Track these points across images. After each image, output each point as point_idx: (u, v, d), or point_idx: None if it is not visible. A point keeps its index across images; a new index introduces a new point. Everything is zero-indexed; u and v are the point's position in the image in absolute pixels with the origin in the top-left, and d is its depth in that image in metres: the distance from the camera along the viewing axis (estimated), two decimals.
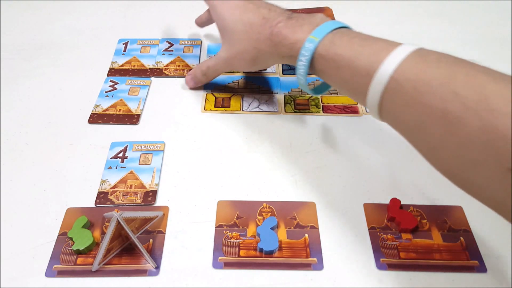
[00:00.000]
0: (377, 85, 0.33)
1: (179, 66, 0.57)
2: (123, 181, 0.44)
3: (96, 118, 0.50)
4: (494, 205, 0.30)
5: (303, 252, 0.38)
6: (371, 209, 0.42)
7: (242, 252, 0.38)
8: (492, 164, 0.27)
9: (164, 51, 0.60)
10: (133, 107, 0.52)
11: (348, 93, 0.39)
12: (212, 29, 0.65)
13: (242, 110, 0.52)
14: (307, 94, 0.54)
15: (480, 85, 0.28)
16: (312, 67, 0.40)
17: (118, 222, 0.36)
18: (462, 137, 0.28)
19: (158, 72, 0.57)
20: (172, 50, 0.60)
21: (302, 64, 0.39)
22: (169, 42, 0.62)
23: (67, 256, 0.38)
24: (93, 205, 0.42)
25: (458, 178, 0.31)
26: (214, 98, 0.54)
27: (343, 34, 0.38)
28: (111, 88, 0.54)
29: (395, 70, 0.32)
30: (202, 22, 0.59)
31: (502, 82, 0.28)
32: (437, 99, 0.29)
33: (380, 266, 0.37)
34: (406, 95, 0.31)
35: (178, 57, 0.59)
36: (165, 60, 0.59)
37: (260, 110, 0.52)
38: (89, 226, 0.40)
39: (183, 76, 0.56)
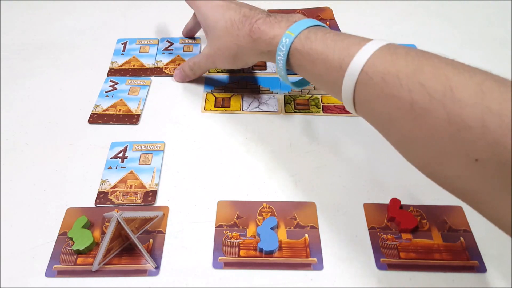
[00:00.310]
0: (349, 78, 0.34)
1: (179, 65, 0.57)
2: (123, 181, 0.44)
3: (96, 118, 0.50)
4: (465, 197, 0.30)
5: (303, 252, 0.38)
6: (371, 209, 0.42)
7: (242, 252, 0.38)
8: (460, 156, 0.27)
9: (164, 50, 0.60)
10: (133, 107, 0.52)
11: (324, 87, 0.40)
12: None
13: (242, 110, 0.52)
14: (301, 93, 0.54)
15: (446, 76, 0.28)
16: (289, 63, 0.41)
17: (118, 222, 0.36)
18: (430, 129, 0.29)
19: (158, 71, 0.57)
20: (172, 49, 0.60)
21: (280, 58, 0.41)
22: (169, 41, 0.62)
23: (67, 256, 0.38)
24: (93, 205, 0.42)
25: (429, 170, 0.32)
26: (214, 98, 0.54)
27: (318, 30, 0.39)
28: (111, 88, 0.54)
29: (366, 64, 0.33)
30: (189, 29, 0.61)
31: (467, 73, 0.28)
32: (405, 91, 0.30)
33: (380, 266, 0.37)
34: (376, 87, 0.32)
35: (178, 56, 0.59)
36: (165, 59, 0.59)
37: (260, 110, 0.52)
38: (89, 226, 0.40)
39: None
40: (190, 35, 0.62)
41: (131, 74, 0.57)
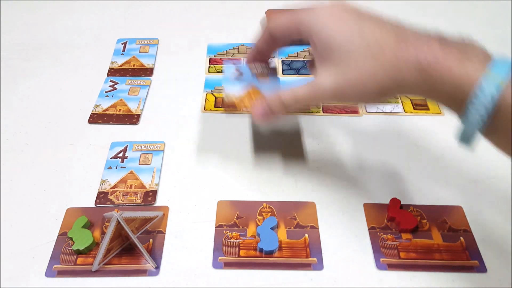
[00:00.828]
0: None
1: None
2: (123, 181, 0.44)
3: (96, 118, 0.50)
4: None
5: (303, 252, 0.38)
6: (371, 209, 0.42)
7: (242, 252, 0.38)
8: None
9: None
10: (133, 107, 0.52)
11: None
12: (212, 29, 0.65)
13: (242, 110, 0.52)
14: None
15: None
16: (489, 122, 0.28)
17: (118, 222, 0.36)
18: None
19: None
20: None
21: (478, 114, 0.28)
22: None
23: (67, 256, 0.38)
24: (93, 205, 0.42)
25: None
26: (214, 98, 0.54)
27: None
28: (111, 88, 0.54)
29: None
30: (260, 51, 0.41)
31: None
32: None
33: (380, 266, 0.37)
34: None
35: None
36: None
37: None
38: (89, 226, 0.40)
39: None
40: (262, 58, 0.42)
41: (131, 74, 0.57)
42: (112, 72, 0.57)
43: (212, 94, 0.54)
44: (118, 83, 0.55)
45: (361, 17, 0.32)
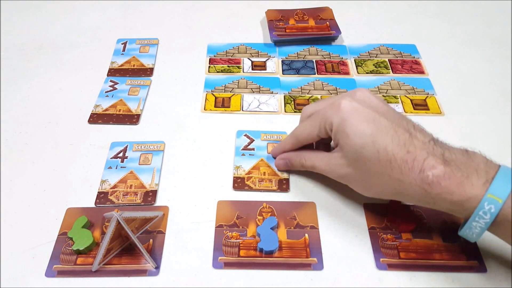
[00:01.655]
0: None
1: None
2: (123, 181, 0.44)
3: (96, 118, 0.50)
4: None
5: (303, 252, 0.38)
6: (371, 209, 0.42)
7: (242, 252, 0.38)
8: None
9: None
10: (133, 107, 0.52)
11: None
12: (212, 29, 0.65)
13: (242, 110, 0.52)
14: (301, 93, 0.54)
15: None
16: (490, 229, 0.32)
17: (118, 222, 0.36)
18: None
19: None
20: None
21: (479, 226, 0.32)
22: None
23: (67, 256, 0.38)
24: (93, 205, 0.42)
25: None
26: (214, 98, 0.54)
27: None
28: (111, 88, 0.54)
29: None
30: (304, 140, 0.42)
31: None
32: None
33: (380, 266, 0.37)
34: None
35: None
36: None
37: (260, 110, 0.52)
38: (89, 226, 0.40)
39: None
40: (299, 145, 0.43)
41: (131, 74, 0.57)
42: (112, 72, 0.57)
43: (212, 94, 0.54)
44: (118, 83, 0.55)
45: (379, 125, 0.35)
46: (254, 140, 0.48)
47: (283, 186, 0.43)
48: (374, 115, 0.35)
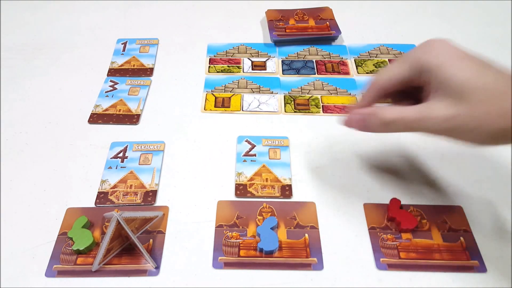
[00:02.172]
0: None
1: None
2: (123, 181, 0.44)
3: (96, 118, 0.50)
4: None
5: (303, 252, 0.38)
6: (371, 209, 0.42)
7: (242, 252, 0.38)
8: None
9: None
10: (133, 107, 0.52)
11: None
12: (212, 29, 0.65)
13: (242, 110, 0.52)
14: (301, 92, 0.54)
15: None
16: None
17: (118, 222, 0.36)
18: None
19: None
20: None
21: None
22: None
23: (67, 256, 0.38)
24: (93, 205, 0.42)
25: None
26: (214, 98, 0.54)
27: None
28: (111, 88, 0.54)
29: None
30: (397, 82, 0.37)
31: None
32: None
33: (380, 266, 0.37)
34: None
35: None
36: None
37: (260, 110, 0.52)
38: (89, 226, 0.40)
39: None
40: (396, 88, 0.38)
41: (131, 74, 0.57)
42: (112, 72, 0.57)
43: (212, 94, 0.54)
44: (118, 83, 0.55)
45: (473, 57, 0.34)
46: (255, 146, 0.47)
47: (286, 192, 0.43)
48: (467, 53, 0.34)
